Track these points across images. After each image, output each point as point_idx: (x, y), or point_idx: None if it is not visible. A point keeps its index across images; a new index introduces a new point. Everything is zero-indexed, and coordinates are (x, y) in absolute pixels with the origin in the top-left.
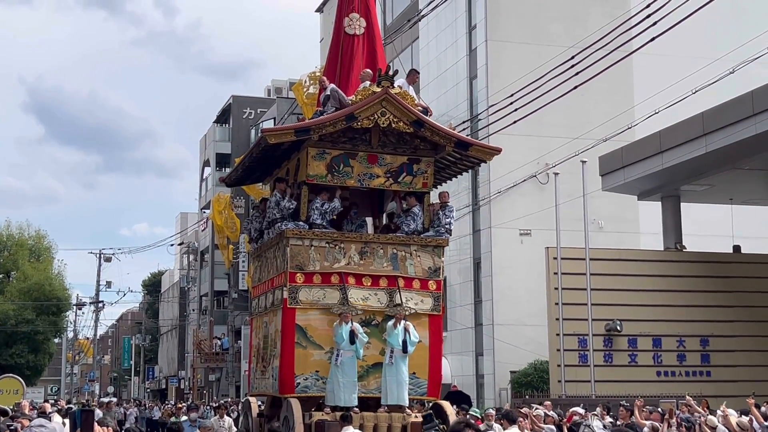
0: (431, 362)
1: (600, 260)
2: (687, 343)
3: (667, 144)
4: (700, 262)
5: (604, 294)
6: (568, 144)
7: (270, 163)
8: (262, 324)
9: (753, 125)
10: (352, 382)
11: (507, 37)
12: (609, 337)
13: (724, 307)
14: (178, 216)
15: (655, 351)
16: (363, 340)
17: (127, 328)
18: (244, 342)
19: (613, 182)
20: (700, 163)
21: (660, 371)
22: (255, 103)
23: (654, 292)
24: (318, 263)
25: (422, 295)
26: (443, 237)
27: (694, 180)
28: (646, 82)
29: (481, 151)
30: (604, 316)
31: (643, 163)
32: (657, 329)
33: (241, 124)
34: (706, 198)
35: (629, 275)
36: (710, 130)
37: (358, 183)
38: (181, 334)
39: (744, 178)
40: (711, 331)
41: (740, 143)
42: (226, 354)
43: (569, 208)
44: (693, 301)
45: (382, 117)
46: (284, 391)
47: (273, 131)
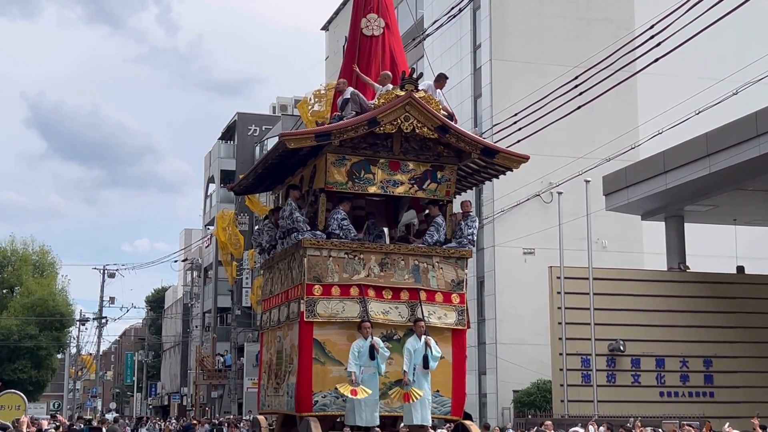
0: (455, 379)
1: (603, 280)
2: (690, 364)
3: (671, 164)
4: (703, 282)
5: (607, 314)
6: (571, 163)
7: (282, 170)
8: (274, 338)
9: (757, 146)
10: (373, 400)
11: (512, 56)
12: (612, 357)
13: (727, 328)
14: (182, 232)
15: (658, 371)
16: (385, 355)
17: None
18: (247, 359)
19: (616, 202)
20: (703, 183)
21: (663, 392)
22: (260, 121)
23: (657, 313)
24: (337, 275)
25: (445, 308)
26: (467, 248)
27: (698, 200)
28: (650, 102)
29: (508, 158)
30: (607, 336)
31: (647, 183)
32: (660, 350)
33: (245, 141)
34: (709, 218)
35: (632, 295)
36: (714, 151)
37: (382, 190)
38: (184, 351)
39: (748, 199)
40: (714, 351)
41: (744, 164)
42: (229, 371)
43: (572, 227)
44: (696, 321)
45: (406, 122)
46: (301, 409)
47: (292, 135)
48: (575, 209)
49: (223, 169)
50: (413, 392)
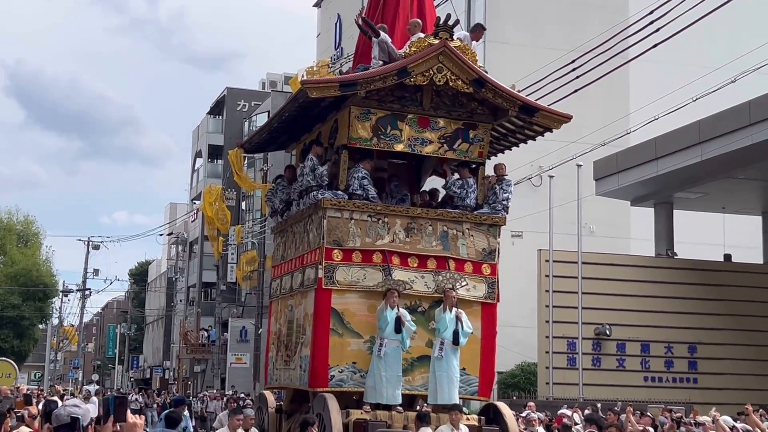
0: (483, 357)
1: (591, 264)
2: (675, 350)
3: (662, 151)
4: (690, 269)
5: (594, 298)
6: (563, 148)
7: (298, 126)
8: (285, 307)
9: (749, 135)
10: (396, 377)
11: (506, 39)
12: (598, 341)
13: (713, 315)
14: (167, 206)
15: (643, 356)
16: (410, 329)
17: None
18: (231, 334)
19: (606, 187)
20: (694, 171)
21: (647, 377)
22: (249, 96)
23: (644, 298)
24: (359, 239)
25: (475, 280)
26: (500, 215)
27: (688, 188)
28: (641, 88)
29: (549, 117)
30: (594, 320)
31: (638, 169)
32: (646, 335)
33: (234, 116)
34: (698, 206)
35: (620, 280)
36: (706, 139)
37: (409, 148)
38: (168, 325)
39: (738, 187)
40: (699, 338)
41: (736, 152)
42: (213, 346)
43: (560, 211)
44: (682, 308)
45: (439, 74)
46: (316, 384)
47: (315, 83)
48: (564, 194)
49: (211, 143)
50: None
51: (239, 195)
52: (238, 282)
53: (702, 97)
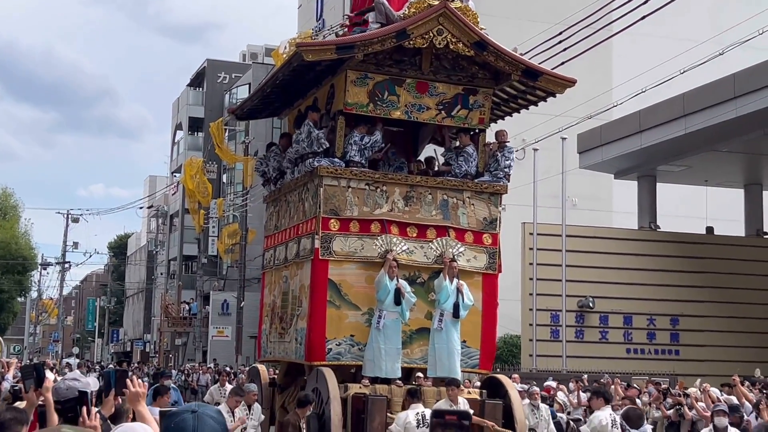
0: (484, 330)
1: (575, 237)
2: (657, 322)
3: (646, 124)
4: (673, 242)
5: (578, 271)
6: (548, 121)
7: (292, 92)
8: (279, 279)
9: (734, 108)
10: (395, 350)
11: (489, 11)
12: (581, 314)
13: (695, 288)
14: (146, 179)
15: (626, 328)
16: (410, 301)
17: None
18: (213, 307)
19: (590, 160)
20: (678, 144)
21: (630, 348)
22: (230, 68)
23: (627, 271)
24: (356, 208)
25: (475, 250)
26: (502, 183)
27: (672, 161)
28: (625, 62)
29: (553, 81)
30: (577, 293)
31: (622, 143)
32: (628, 307)
33: (215, 88)
34: (681, 179)
35: (603, 253)
36: (690, 112)
37: (406, 115)
38: (148, 298)
39: (721, 160)
40: (681, 310)
41: (720, 125)
42: (194, 319)
43: (544, 184)
44: (665, 280)
45: (439, 36)
46: (313, 357)
47: (311, 46)
48: (546, 167)
49: (192, 116)
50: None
51: (220, 168)
52: (219, 255)
53: (690, 69)
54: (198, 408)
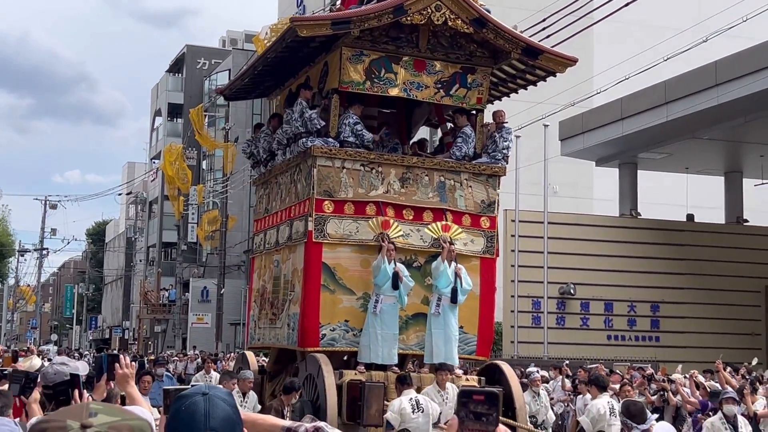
0: (482, 315)
1: (556, 224)
2: (638, 309)
3: (627, 111)
4: (654, 229)
5: (559, 257)
6: (529, 109)
7: (284, 70)
8: (270, 263)
9: (715, 96)
10: (392, 335)
11: None
12: (562, 300)
13: (675, 275)
14: (125, 165)
15: (607, 315)
16: (408, 285)
17: (69, 276)
18: (192, 294)
19: (572, 148)
20: (660, 131)
21: (611, 335)
22: (209, 54)
23: (608, 258)
24: (351, 189)
25: (473, 233)
26: (500, 164)
27: (653, 148)
28: (606, 49)
29: (553, 60)
30: (558, 280)
31: (603, 130)
32: (609, 294)
33: (194, 74)
34: (662, 166)
35: (585, 240)
36: (672, 99)
37: (404, 93)
38: (127, 285)
39: (702, 147)
40: (662, 297)
41: (701, 113)
42: (173, 306)
43: (525, 172)
44: (645, 267)
45: (437, 12)
46: (306, 343)
47: (305, 20)
48: (527, 154)
49: (171, 102)
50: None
51: (200, 154)
52: (199, 242)
53: (672, 57)
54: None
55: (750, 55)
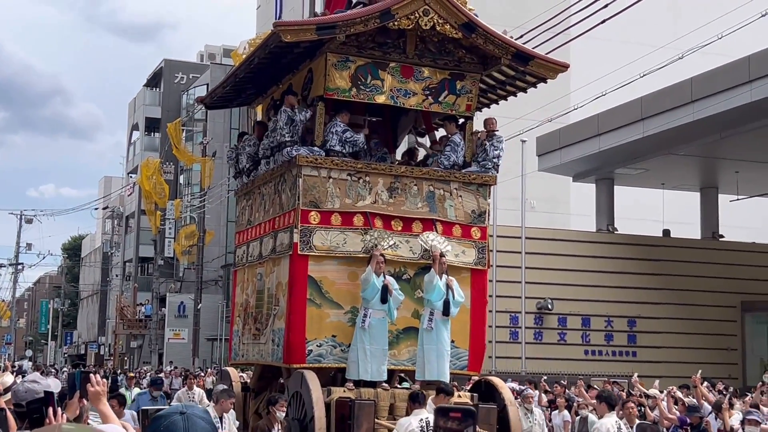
0: (473, 328)
1: (534, 239)
2: (615, 324)
3: (604, 127)
4: (630, 244)
5: (537, 272)
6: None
7: (266, 77)
8: (253, 276)
9: (691, 113)
10: (381, 351)
11: None
12: (539, 315)
13: (652, 290)
14: (101, 179)
15: (584, 330)
16: (398, 299)
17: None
18: (169, 309)
19: (549, 163)
20: (636, 147)
21: (588, 350)
22: (187, 68)
23: (585, 273)
24: (338, 200)
25: (464, 244)
26: (490, 173)
27: (629, 164)
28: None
29: (545, 66)
30: (536, 295)
31: (580, 146)
32: (586, 309)
33: (172, 88)
34: (639, 182)
35: (562, 255)
36: (648, 115)
37: (391, 100)
38: (103, 300)
39: (678, 163)
40: (638, 312)
41: (677, 129)
42: (149, 321)
43: (502, 187)
44: (622, 282)
45: (425, 17)
46: (292, 360)
47: (289, 25)
48: (504, 169)
49: (148, 116)
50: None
51: (177, 168)
52: (176, 256)
53: (648, 73)
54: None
55: (725, 72)
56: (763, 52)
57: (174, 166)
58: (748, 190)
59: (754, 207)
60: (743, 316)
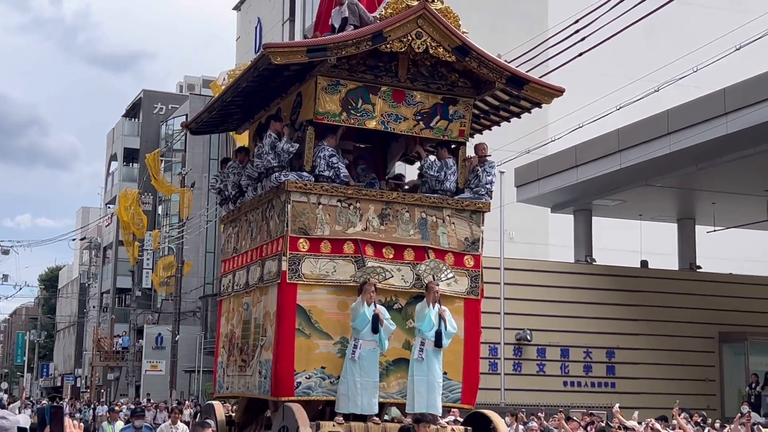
0: (467, 360)
1: (513, 270)
2: (593, 355)
3: (582, 159)
4: (608, 275)
5: (515, 303)
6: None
7: (253, 102)
8: (238, 306)
9: (668, 145)
10: (372, 383)
11: None
12: (518, 346)
13: (630, 321)
14: (79, 210)
15: (563, 361)
16: (389, 329)
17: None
18: (146, 341)
19: (528, 194)
20: (613, 178)
21: (567, 381)
22: (166, 99)
23: (563, 304)
24: (327, 227)
25: (457, 272)
26: (483, 200)
27: (607, 195)
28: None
29: (540, 90)
30: (515, 326)
31: (558, 177)
32: (565, 340)
33: (151, 119)
34: (616, 213)
35: (540, 286)
36: (625, 147)
37: (382, 125)
38: (79, 331)
39: (655, 195)
40: (617, 343)
41: (654, 161)
42: (127, 353)
43: None
44: (601, 313)
45: (418, 40)
46: (280, 392)
47: (279, 47)
48: None
49: (127, 146)
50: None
51: (156, 199)
52: (154, 288)
53: (625, 106)
54: None
55: (701, 105)
56: (738, 84)
57: (152, 197)
58: (725, 221)
59: (731, 238)
60: (721, 347)
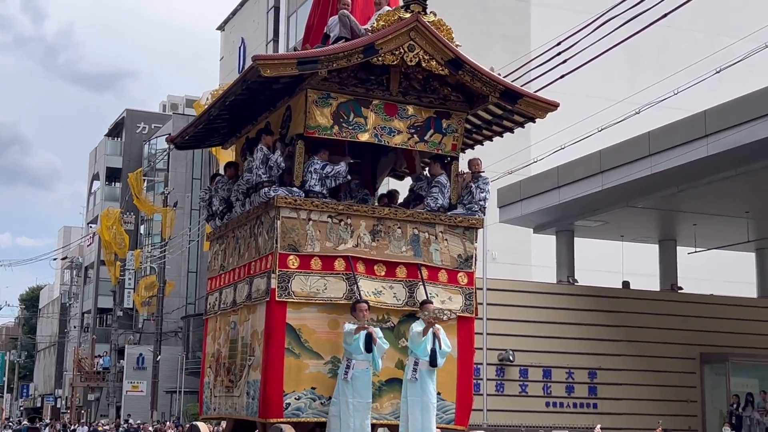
0: (460, 380)
1: (495, 290)
2: (576, 375)
3: (564, 180)
4: (590, 296)
5: (498, 324)
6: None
7: (241, 116)
8: (226, 325)
9: (649, 166)
10: (365, 404)
11: None
12: (501, 367)
13: (612, 341)
14: (61, 230)
15: (545, 382)
16: (383, 348)
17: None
18: (127, 361)
19: (510, 215)
20: (595, 199)
21: (549, 402)
22: (149, 118)
23: (546, 324)
24: (318, 243)
25: (450, 290)
26: (477, 216)
27: (589, 216)
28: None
29: (534, 105)
30: (497, 346)
31: (541, 198)
32: (547, 360)
33: (134, 138)
34: (598, 234)
35: (523, 306)
36: (607, 168)
37: (375, 139)
38: (60, 352)
39: (636, 216)
40: (599, 364)
41: (636, 182)
42: (107, 373)
43: None
44: (583, 334)
45: (410, 52)
46: (268, 414)
47: (269, 59)
48: None
49: (109, 166)
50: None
51: (138, 218)
52: (136, 308)
53: (606, 128)
54: None
55: (682, 127)
56: (719, 107)
57: (135, 216)
58: (706, 242)
59: (712, 259)
60: (702, 368)
